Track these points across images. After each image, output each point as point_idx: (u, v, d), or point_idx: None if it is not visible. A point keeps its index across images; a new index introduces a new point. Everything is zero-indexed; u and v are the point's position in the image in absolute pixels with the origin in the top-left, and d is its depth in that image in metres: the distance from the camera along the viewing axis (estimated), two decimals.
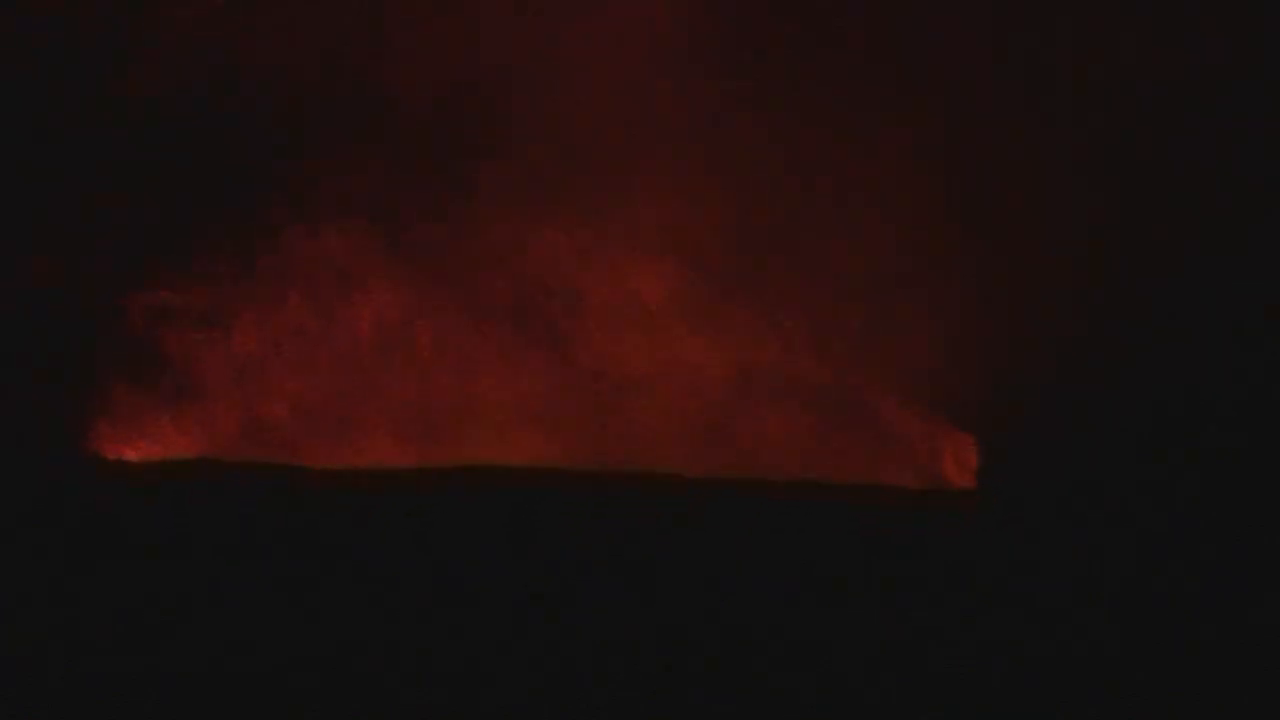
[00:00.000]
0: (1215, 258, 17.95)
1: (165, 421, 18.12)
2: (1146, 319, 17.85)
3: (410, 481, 16.40)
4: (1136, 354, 17.77)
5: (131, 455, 17.85)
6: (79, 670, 13.93)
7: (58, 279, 18.06)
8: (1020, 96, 18.54)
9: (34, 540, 15.07)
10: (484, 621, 14.73)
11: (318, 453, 18.04)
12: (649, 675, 14.31)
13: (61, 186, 18.23)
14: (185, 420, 18.20)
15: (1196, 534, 16.40)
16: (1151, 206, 18.16)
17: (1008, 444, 17.88)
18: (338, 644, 14.40)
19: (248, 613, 14.66)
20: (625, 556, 15.48)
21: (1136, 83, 18.36)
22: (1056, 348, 17.83)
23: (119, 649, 14.18)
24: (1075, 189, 18.34)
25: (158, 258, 18.37)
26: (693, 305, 18.79)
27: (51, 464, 16.97)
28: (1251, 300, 17.90)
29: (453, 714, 13.85)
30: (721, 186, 18.58)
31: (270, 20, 18.62)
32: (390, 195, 18.74)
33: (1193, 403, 17.67)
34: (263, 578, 14.98)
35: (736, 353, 18.72)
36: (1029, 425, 17.84)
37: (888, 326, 18.41)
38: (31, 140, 18.21)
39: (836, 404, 18.52)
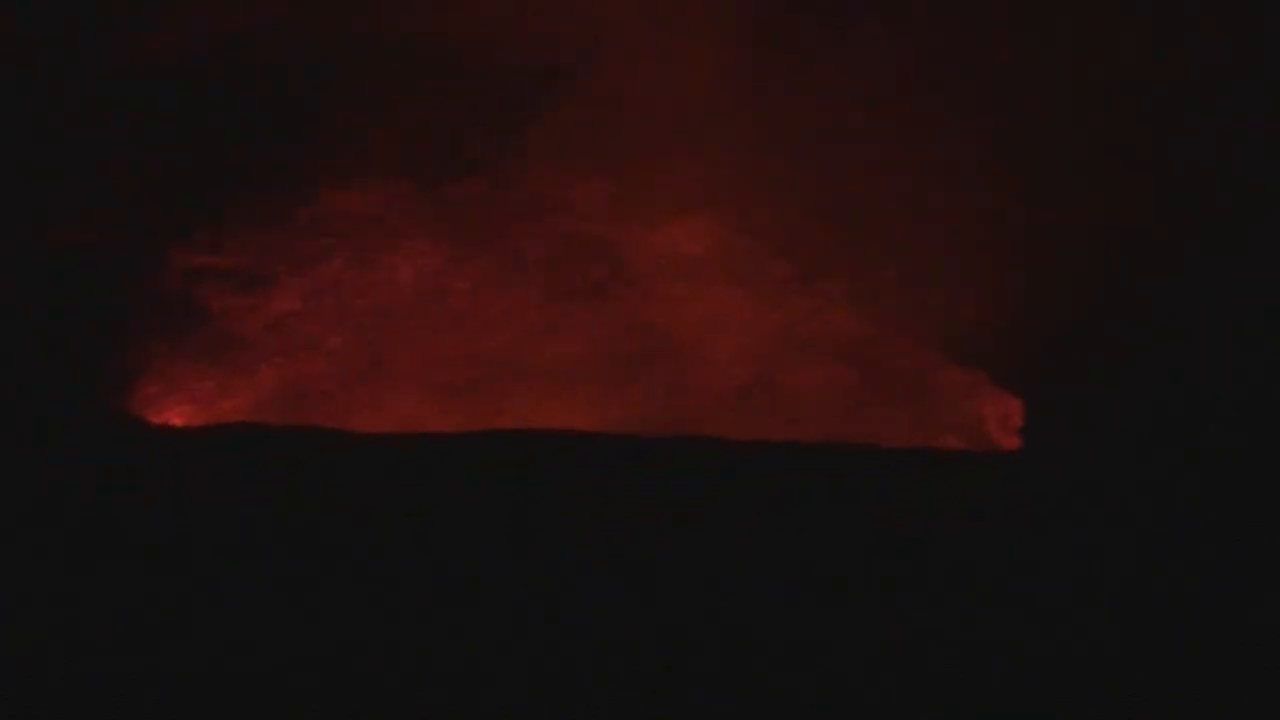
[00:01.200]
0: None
1: (207, 381, 18.19)
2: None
3: (446, 447, 16.17)
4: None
5: (175, 419, 17.88)
6: (114, 635, 13.90)
7: (97, 240, 17.95)
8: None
9: (74, 504, 15.01)
10: (514, 580, 14.72)
11: (357, 409, 18.09)
12: (688, 639, 14.33)
13: (97, 148, 18.14)
14: (227, 379, 18.26)
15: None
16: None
17: (1046, 397, 17.88)
18: (368, 610, 14.40)
19: (281, 579, 14.64)
20: (661, 523, 15.41)
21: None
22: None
23: (156, 613, 14.13)
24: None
25: (195, 217, 18.29)
26: (733, 261, 18.68)
27: (94, 429, 16.83)
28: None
29: (475, 689, 13.87)
30: (760, 140, 18.58)
31: None
32: (427, 148, 18.68)
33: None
34: (297, 548, 14.92)
35: (774, 307, 18.59)
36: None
37: (927, 285, 18.34)
38: (65, 102, 18.09)
39: (875, 360, 18.43)
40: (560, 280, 18.79)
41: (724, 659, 14.00)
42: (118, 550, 14.56)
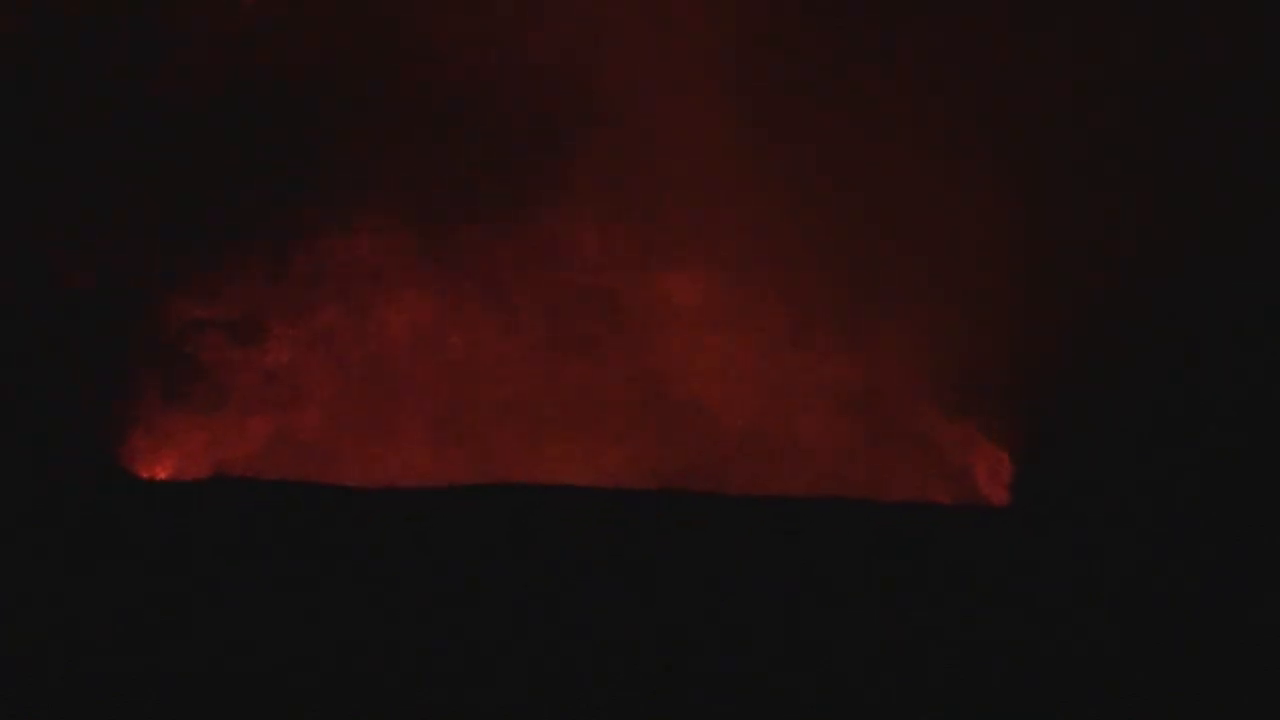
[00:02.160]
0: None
1: (198, 433, 18.10)
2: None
3: (441, 500, 16.14)
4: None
5: (163, 471, 17.83)
6: (106, 690, 13.91)
7: (88, 290, 17.93)
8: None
9: (63, 555, 14.99)
10: (511, 634, 14.71)
11: (350, 459, 17.99)
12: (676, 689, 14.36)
13: (91, 196, 18.12)
14: (218, 431, 18.18)
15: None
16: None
17: (1036, 452, 17.84)
18: (360, 657, 14.38)
19: (268, 622, 14.63)
20: (652, 570, 15.37)
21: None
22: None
23: (147, 665, 14.15)
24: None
25: (190, 267, 18.26)
26: (727, 309, 18.73)
27: (83, 479, 16.92)
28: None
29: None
30: (757, 191, 18.51)
31: (301, 19, 18.54)
32: (424, 198, 18.64)
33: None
34: (286, 595, 14.90)
35: (771, 358, 18.66)
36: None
37: (921, 335, 18.36)
38: (59, 151, 18.09)
39: (871, 410, 18.45)
40: (557, 330, 18.77)
41: (707, 709, 14.10)
42: (107, 602, 14.59)
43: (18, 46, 18.12)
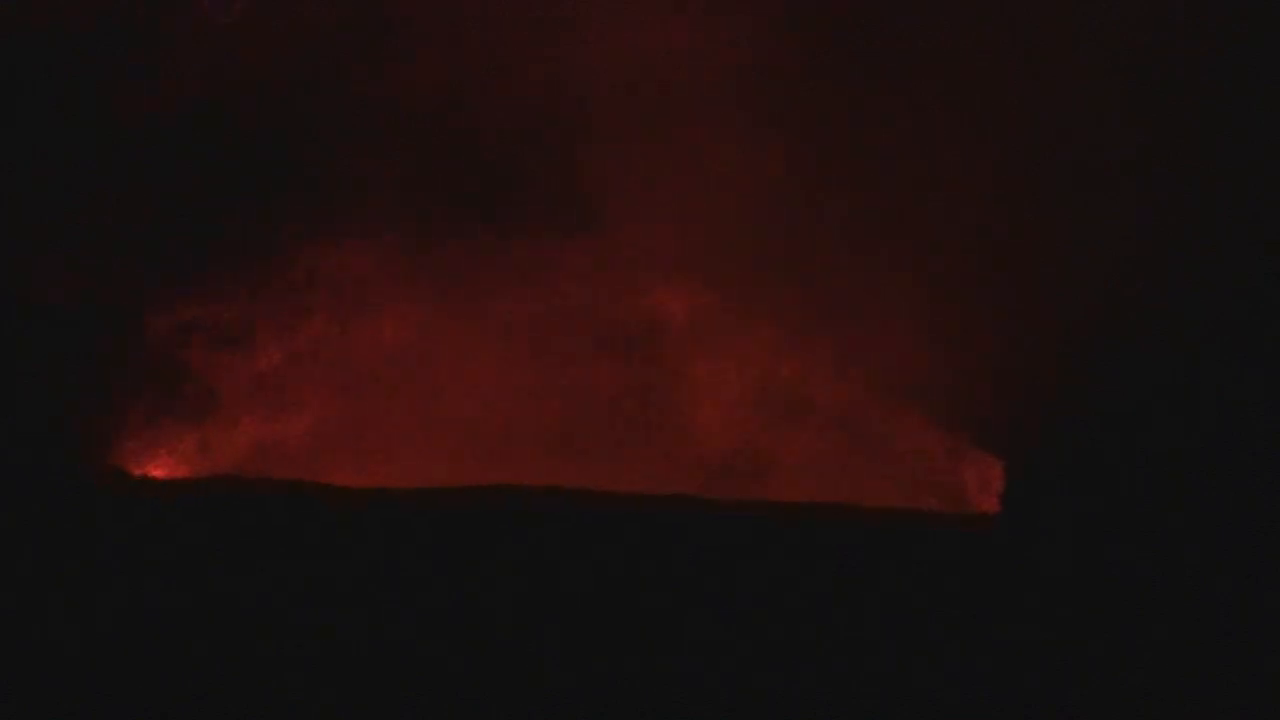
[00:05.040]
0: (1210, 263, 17.76)
1: (187, 438, 18.17)
2: (1139, 326, 17.73)
3: (430, 501, 16.15)
4: (1128, 362, 17.65)
5: (155, 473, 17.89)
6: (93, 694, 14.04)
7: (79, 296, 17.99)
8: (1024, 116, 18.40)
9: (53, 557, 15.11)
10: (498, 645, 14.75)
11: (337, 470, 18.03)
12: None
13: (81, 203, 18.15)
14: (207, 437, 18.26)
15: (1196, 535, 16.30)
16: (1145, 212, 18.00)
17: (1027, 461, 17.74)
18: (352, 662, 14.42)
19: (262, 627, 14.67)
20: (642, 581, 15.37)
21: (1140, 84, 18.22)
22: (1046, 358, 17.72)
23: (135, 667, 14.26)
24: (1085, 205, 18.23)
25: (179, 274, 18.32)
26: (714, 327, 18.77)
27: (73, 481, 16.84)
28: (1246, 306, 17.73)
29: None
30: (741, 207, 18.44)
31: (292, 32, 18.57)
32: (412, 211, 18.69)
33: (1187, 410, 17.54)
34: (279, 595, 14.93)
35: (756, 373, 18.68)
36: (1043, 440, 17.70)
37: (908, 348, 18.25)
38: (50, 157, 18.12)
39: (860, 426, 18.48)
40: (544, 346, 18.82)
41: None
42: (96, 602, 14.75)
43: None
